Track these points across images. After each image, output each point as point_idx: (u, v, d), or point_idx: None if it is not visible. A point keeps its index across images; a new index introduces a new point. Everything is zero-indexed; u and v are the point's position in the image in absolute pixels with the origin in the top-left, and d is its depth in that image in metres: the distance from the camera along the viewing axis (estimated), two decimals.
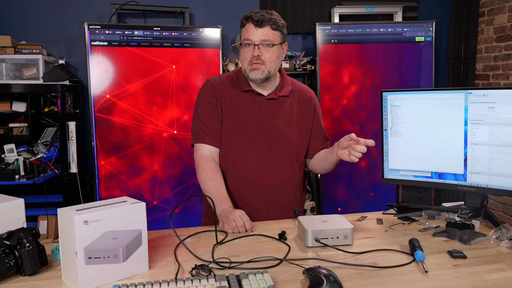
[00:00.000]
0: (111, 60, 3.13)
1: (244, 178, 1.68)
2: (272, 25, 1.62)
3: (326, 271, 1.06)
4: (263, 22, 1.60)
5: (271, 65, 1.64)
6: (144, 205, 1.15)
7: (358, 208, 3.60)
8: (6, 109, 3.08)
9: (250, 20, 1.62)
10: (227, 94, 1.71)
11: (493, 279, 1.11)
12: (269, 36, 1.62)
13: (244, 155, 1.68)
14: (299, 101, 1.76)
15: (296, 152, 1.74)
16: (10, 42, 3.05)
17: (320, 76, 3.51)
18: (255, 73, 1.63)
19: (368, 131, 3.58)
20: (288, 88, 1.74)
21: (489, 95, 1.50)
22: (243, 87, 1.70)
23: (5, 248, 1.11)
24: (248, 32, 1.63)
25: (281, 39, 1.66)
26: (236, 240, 1.41)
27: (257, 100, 1.70)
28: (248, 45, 1.63)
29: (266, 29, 1.61)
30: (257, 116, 1.69)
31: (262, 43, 1.61)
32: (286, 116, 1.72)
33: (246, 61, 1.64)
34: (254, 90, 1.70)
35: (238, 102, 1.70)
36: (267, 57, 1.63)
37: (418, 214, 1.65)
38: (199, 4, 3.66)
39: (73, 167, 3.16)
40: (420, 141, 1.65)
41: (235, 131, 1.68)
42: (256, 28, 1.61)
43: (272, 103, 1.71)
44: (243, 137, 1.68)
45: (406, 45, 3.59)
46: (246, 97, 1.70)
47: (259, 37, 1.61)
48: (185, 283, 1.05)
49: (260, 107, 1.69)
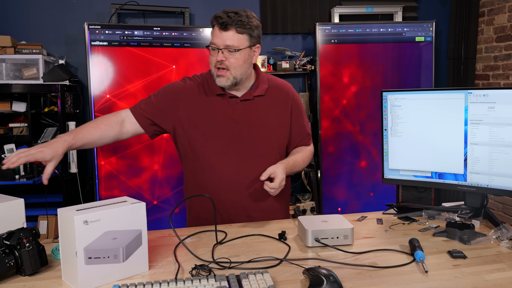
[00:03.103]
0: (111, 60, 3.13)
1: (222, 182, 1.62)
2: (238, 28, 1.52)
3: (326, 271, 1.06)
4: (227, 25, 1.51)
5: (237, 70, 1.56)
6: (144, 205, 1.15)
7: (358, 208, 3.59)
8: (6, 109, 3.08)
9: (216, 22, 1.54)
10: (199, 100, 1.64)
11: (493, 279, 1.11)
12: (233, 40, 1.52)
13: (220, 159, 1.62)
14: (276, 98, 1.69)
15: (275, 152, 1.68)
16: (10, 42, 3.05)
17: (320, 76, 3.51)
18: (220, 80, 1.57)
19: (368, 131, 3.58)
20: (264, 86, 1.67)
21: (489, 95, 1.50)
22: (216, 90, 1.63)
23: (5, 248, 1.11)
24: (213, 35, 1.55)
25: (250, 42, 1.56)
26: (236, 240, 1.41)
27: (231, 102, 1.63)
28: (214, 49, 1.56)
29: (230, 33, 1.52)
30: (231, 119, 1.62)
31: (226, 48, 1.53)
32: (263, 116, 1.65)
33: (212, 65, 1.58)
34: (227, 92, 1.63)
35: (212, 106, 1.63)
36: (232, 62, 1.54)
37: (418, 214, 1.65)
38: (199, 4, 3.66)
39: (73, 167, 3.16)
40: (420, 141, 1.65)
41: (209, 135, 1.62)
42: (220, 31, 1.53)
43: (247, 104, 1.64)
44: (218, 141, 1.62)
45: (406, 45, 3.59)
46: (219, 101, 1.63)
47: (223, 41, 1.53)
48: (185, 283, 1.05)
49: (234, 110, 1.63)
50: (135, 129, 1.65)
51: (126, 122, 1.64)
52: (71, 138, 1.49)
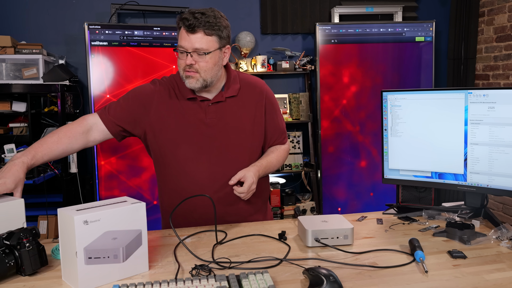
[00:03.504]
0: (111, 60, 3.13)
1: (195, 188, 1.55)
2: (206, 30, 1.45)
3: (326, 271, 1.06)
4: (195, 27, 1.44)
5: (207, 73, 1.49)
6: (144, 205, 1.15)
7: (358, 208, 3.60)
8: (6, 109, 3.08)
9: (183, 24, 1.46)
10: (170, 104, 1.57)
11: (493, 279, 1.11)
12: (202, 43, 1.46)
13: (192, 165, 1.56)
14: (249, 98, 1.62)
15: (249, 156, 1.61)
16: (10, 42, 3.05)
17: (320, 76, 3.51)
18: (190, 81, 1.50)
19: (368, 131, 3.58)
20: (236, 86, 1.60)
21: (489, 95, 1.50)
22: (186, 94, 1.56)
23: (5, 248, 1.11)
24: (180, 38, 1.48)
25: (219, 44, 1.50)
26: (236, 240, 1.41)
27: (203, 106, 1.56)
28: (182, 52, 1.49)
29: (198, 36, 1.45)
30: (203, 123, 1.56)
31: (195, 51, 1.47)
32: (236, 118, 1.59)
33: (181, 68, 1.51)
34: (198, 96, 1.56)
35: (183, 110, 1.56)
36: (202, 65, 1.48)
37: (418, 214, 1.65)
38: (199, 4, 3.66)
39: (73, 167, 3.16)
40: (420, 141, 1.65)
41: (179, 140, 1.56)
42: (188, 34, 1.45)
43: (219, 107, 1.57)
44: (189, 146, 1.56)
45: (406, 45, 3.60)
46: (190, 105, 1.57)
47: (191, 44, 1.45)
48: (185, 283, 1.05)
49: (206, 113, 1.56)
50: (103, 136, 1.58)
51: (93, 130, 1.56)
52: (29, 158, 1.40)
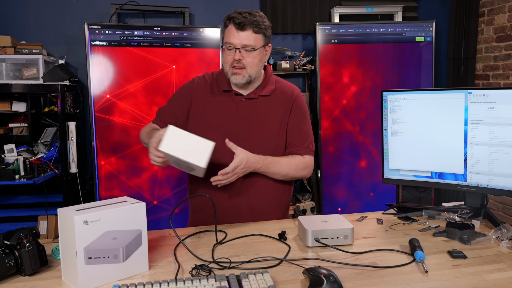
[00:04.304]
0: (111, 60, 3.13)
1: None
2: (254, 28, 1.58)
3: (326, 271, 1.06)
4: (245, 25, 1.56)
5: (252, 69, 1.61)
6: (144, 205, 1.15)
7: (358, 208, 3.59)
8: (6, 109, 3.07)
9: (232, 22, 1.59)
10: (206, 95, 1.69)
11: (493, 279, 1.11)
12: (250, 40, 1.58)
13: (217, 155, 1.57)
14: (280, 99, 1.71)
15: (273, 153, 1.65)
16: (10, 42, 3.05)
17: (320, 76, 3.51)
18: (236, 77, 1.61)
19: (368, 131, 3.58)
20: (270, 87, 1.70)
21: (489, 95, 1.50)
22: (222, 86, 1.68)
23: (5, 248, 1.11)
24: (229, 35, 1.59)
25: (264, 42, 1.63)
26: (236, 240, 1.41)
27: (236, 100, 1.67)
28: (230, 49, 1.60)
29: (247, 33, 1.58)
30: (234, 116, 1.66)
31: (243, 48, 1.58)
32: (264, 116, 1.67)
33: (228, 64, 1.61)
34: (233, 90, 1.67)
35: (217, 101, 1.68)
36: (249, 61, 1.59)
37: (418, 214, 1.65)
38: (199, 4, 3.66)
39: (73, 167, 3.16)
40: (420, 141, 1.65)
41: (209, 129, 1.63)
42: (237, 31, 1.58)
43: (251, 103, 1.67)
44: (217, 137, 1.57)
45: (406, 45, 3.59)
46: (224, 97, 1.68)
47: (240, 41, 1.58)
48: (185, 283, 1.05)
49: (238, 107, 1.66)
50: None
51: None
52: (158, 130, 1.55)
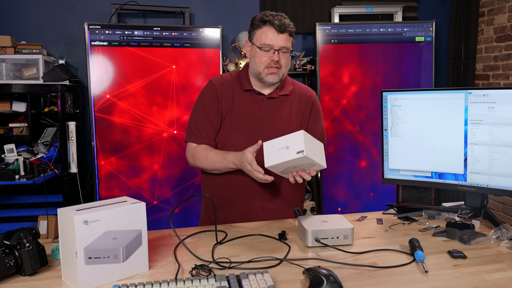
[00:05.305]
0: (111, 60, 3.13)
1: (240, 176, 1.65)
2: (290, 31, 1.65)
3: (326, 271, 1.06)
4: (284, 28, 1.63)
5: (286, 69, 1.69)
6: (144, 205, 1.15)
7: (358, 208, 3.59)
8: (6, 109, 3.07)
9: (270, 24, 1.63)
10: (228, 95, 1.72)
11: (493, 279, 1.12)
12: (288, 42, 1.65)
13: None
14: (299, 99, 1.77)
15: None
16: (10, 42, 3.05)
17: (320, 76, 3.51)
18: (272, 77, 1.66)
19: (368, 131, 3.58)
20: (289, 87, 1.76)
21: (489, 95, 1.50)
22: (244, 86, 1.72)
23: (5, 248, 1.11)
24: (268, 37, 1.63)
25: (292, 44, 1.71)
26: (236, 240, 1.41)
27: (258, 99, 1.71)
28: (267, 50, 1.64)
29: (285, 36, 1.64)
30: (256, 115, 1.70)
31: (281, 49, 1.64)
32: (286, 115, 1.72)
33: (263, 64, 1.65)
34: (255, 89, 1.71)
35: (239, 101, 1.71)
36: (284, 62, 1.66)
37: (418, 214, 1.65)
38: (199, 4, 3.66)
39: (73, 167, 3.16)
40: (420, 141, 1.65)
41: (234, 128, 1.69)
42: (277, 33, 1.63)
43: (272, 102, 1.72)
44: (241, 135, 1.68)
45: (406, 45, 3.59)
46: (246, 96, 1.72)
47: (280, 43, 1.63)
48: (185, 283, 1.05)
49: (261, 106, 1.71)
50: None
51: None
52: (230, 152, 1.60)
